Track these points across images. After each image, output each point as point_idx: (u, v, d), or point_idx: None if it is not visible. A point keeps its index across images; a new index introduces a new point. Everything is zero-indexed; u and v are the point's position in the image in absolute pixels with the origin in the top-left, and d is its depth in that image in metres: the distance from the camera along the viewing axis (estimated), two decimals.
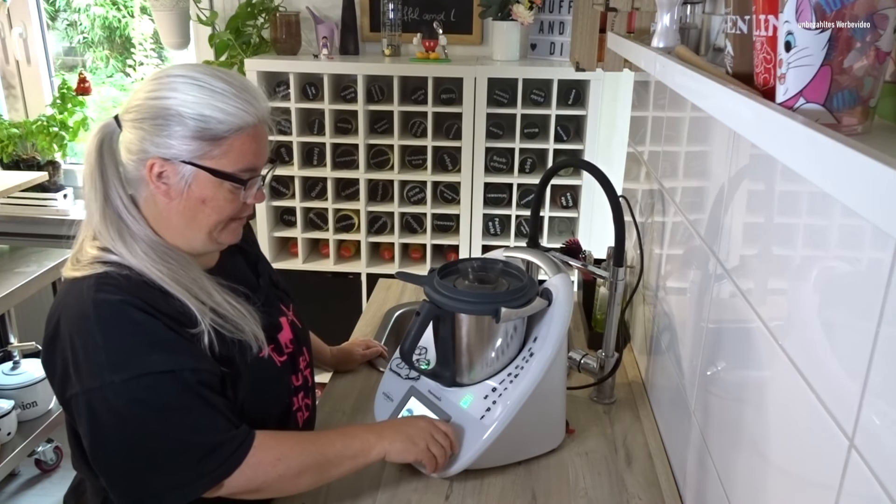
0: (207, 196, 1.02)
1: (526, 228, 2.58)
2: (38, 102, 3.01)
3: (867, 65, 0.55)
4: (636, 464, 1.25)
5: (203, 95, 0.98)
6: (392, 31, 2.59)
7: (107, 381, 0.93)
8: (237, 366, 1.05)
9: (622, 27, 1.54)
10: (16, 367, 2.37)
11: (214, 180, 1.01)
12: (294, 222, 2.64)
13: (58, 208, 2.90)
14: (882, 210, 0.43)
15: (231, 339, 1.04)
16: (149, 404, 0.95)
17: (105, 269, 0.99)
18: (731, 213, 0.98)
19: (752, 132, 0.66)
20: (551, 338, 1.17)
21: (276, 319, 1.19)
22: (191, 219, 1.04)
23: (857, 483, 0.59)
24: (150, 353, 0.95)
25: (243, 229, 1.32)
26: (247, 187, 1.05)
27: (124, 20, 3.12)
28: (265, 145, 1.06)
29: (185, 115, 0.97)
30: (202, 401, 0.98)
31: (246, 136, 1.01)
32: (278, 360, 1.15)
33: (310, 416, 1.27)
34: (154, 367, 0.95)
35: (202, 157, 0.99)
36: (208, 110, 0.98)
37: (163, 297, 0.99)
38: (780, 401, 0.78)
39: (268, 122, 1.06)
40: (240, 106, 1.00)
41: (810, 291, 0.71)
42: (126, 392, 0.94)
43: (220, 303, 1.04)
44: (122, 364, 0.94)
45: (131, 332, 0.96)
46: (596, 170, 1.29)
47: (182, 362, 0.97)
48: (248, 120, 1.01)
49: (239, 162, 1.02)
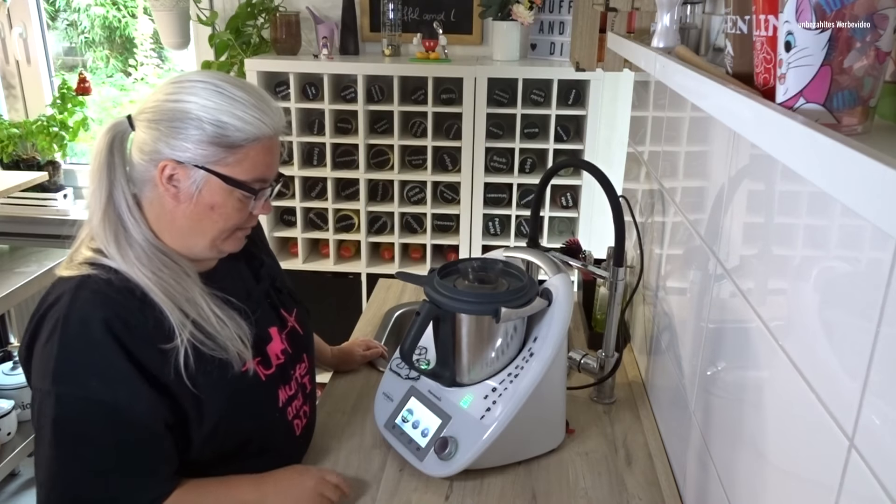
0: (217, 202, 1.02)
1: (526, 228, 2.58)
2: (38, 102, 3.01)
3: (867, 65, 0.55)
4: (636, 464, 1.25)
5: (223, 102, 0.99)
6: (392, 31, 2.59)
7: (46, 388, 0.95)
8: (212, 384, 1.03)
9: (622, 27, 1.54)
10: (16, 367, 2.37)
11: (226, 187, 1.01)
12: (294, 222, 2.64)
13: (58, 208, 2.90)
14: (882, 210, 0.43)
15: (210, 356, 1.02)
16: (68, 427, 0.96)
17: (90, 272, 0.99)
18: (731, 213, 0.98)
19: (752, 132, 0.66)
20: (551, 338, 1.17)
21: (266, 331, 1.16)
22: (196, 223, 1.03)
23: (857, 483, 0.59)
24: (92, 377, 0.95)
25: (257, 229, 1.31)
26: (256, 198, 1.05)
27: (124, 20, 3.12)
28: (277, 159, 1.07)
29: (203, 119, 0.98)
30: (121, 442, 0.97)
31: (261, 147, 1.02)
32: (263, 373, 1.12)
33: (310, 423, 1.25)
34: (90, 394, 0.95)
35: (216, 163, 1.00)
36: (227, 117, 0.98)
37: (141, 308, 0.98)
38: (780, 401, 0.78)
39: (282, 137, 1.06)
40: (258, 116, 1.00)
41: (810, 291, 0.71)
42: (56, 405, 0.95)
43: (206, 316, 1.02)
44: (64, 377, 0.95)
45: (85, 350, 0.96)
46: (596, 170, 1.29)
47: (119, 397, 0.96)
48: (265, 131, 1.01)
49: (252, 171, 1.02)
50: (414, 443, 1.20)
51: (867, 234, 0.59)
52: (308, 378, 1.25)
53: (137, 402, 0.97)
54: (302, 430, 1.22)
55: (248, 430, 1.11)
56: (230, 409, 1.06)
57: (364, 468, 1.22)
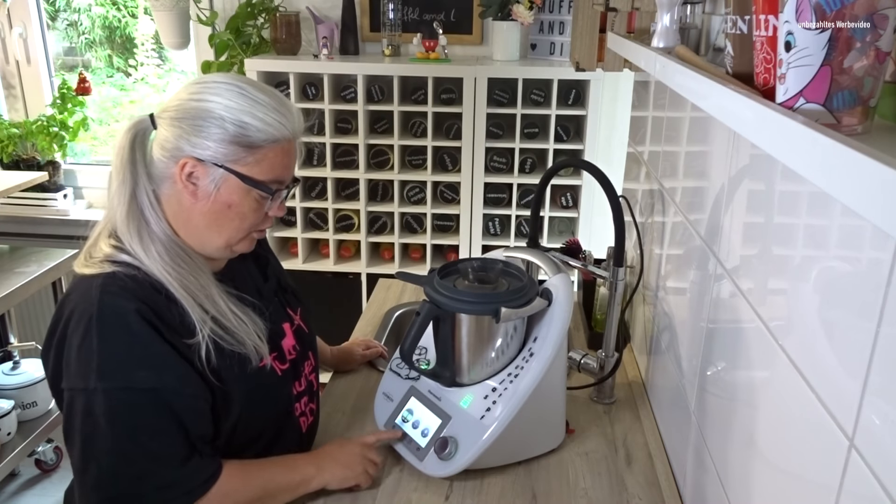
0: (234, 201, 1.03)
1: (526, 228, 2.58)
2: (38, 102, 3.01)
3: (867, 65, 0.55)
4: (636, 464, 1.25)
5: (245, 103, 1.00)
6: (392, 31, 2.59)
7: (91, 385, 0.95)
8: (234, 377, 1.05)
9: (622, 27, 1.54)
10: (16, 367, 2.37)
11: (244, 187, 1.02)
12: (294, 222, 2.64)
13: (58, 208, 2.90)
14: (882, 210, 0.43)
15: (230, 351, 1.04)
16: (122, 419, 0.96)
17: (114, 269, 0.99)
18: (731, 213, 0.98)
19: (752, 132, 0.66)
20: (551, 338, 1.17)
21: (280, 326, 1.19)
22: (213, 221, 1.04)
23: (857, 483, 0.59)
24: (138, 367, 0.97)
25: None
26: (273, 199, 1.06)
27: (125, 20, 3.12)
28: (294, 162, 1.09)
29: (225, 118, 0.99)
30: (174, 426, 0.99)
31: (280, 149, 1.04)
32: (280, 368, 1.15)
33: (314, 421, 1.27)
34: (138, 384, 0.96)
35: (235, 163, 1.01)
36: (248, 118, 1.00)
37: (166, 304, 1.00)
38: (780, 401, 0.78)
39: (300, 141, 1.09)
40: (279, 119, 1.02)
41: (810, 291, 0.71)
42: (105, 401, 0.95)
43: (224, 312, 1.04)
44: (109, 373, 0.95)
45: (127, 342, 0.96)
46: (596, 170, 1.29)
47: (166, 382, 0.98)
48: (285, 133, 1.03)
49: (270, 172, 1.04)
50: (414, 443, 1.20)
51: (867, 234, 0.59)
52: (314, 376, 1.27)
53: (183, 384, 0.99)
54: (307, 428, 1.23)
55: (262, 424, 1.13)
56: (251, 403, 1.08)
57: None
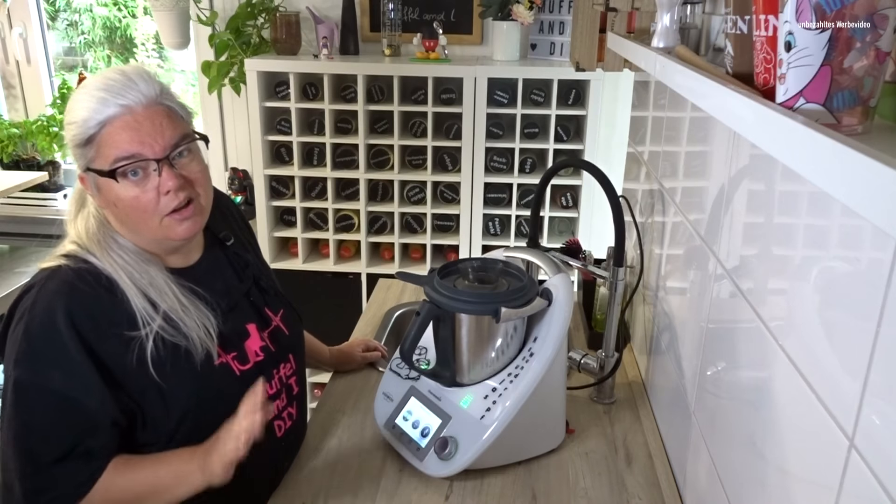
0: (115, 197, 1.02)
1: (526, 228, 2.58)
2: (38, 102, 3.01)
3: (867, 65, 0.55)
4: (636, 464, 1.25)
5: (75, 102, 1.00)
6: (392, 31, 2.59)
7: (9, 372, 0.98)
8: (181, 373, 1.04)
9: (622, 27, 1.54)
10: None
11: (108, 181, 1.01)
12: (294, 222, 2.64)
13: (58, 208, 2.90)
14: (882, 210, 0.43)
15: (173, 343, 1.04)
16: (22, 411, 0.98)
17: (60, 263, 1.02)
18: (731, 213, 0.98)
19: (752, 132, 0.66)
20: (551, 338, 1.17)
21: (243, 326, 1.16)
22: (122, 220, 1.06)
23: (857, 483, 0.59)
24: (49, 367, 0.98)
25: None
26: (143, 175, 1.00)
27: (125, 20, 3.12)
28: (149, 129, 1.00)
29: (67, 125, 1.01)
30: (65, 431, 0.99)
31: (112, 129, 0.99)
32: (239, 368, 1.12)
33: (294, 426, 1.24)
34: (45, 382, 0.98)
35: (92, 161, 1.01)
36: (74, 115, 1.00)
37: (109, 297, 1.01)
38: (779, 401, 0.78)
39: (155, 105, 1.01)
40: (101, 98, 0.98)
41: (810, 291, 0.71)
42: (14, 390, 0.98)
43: (171, 304, 1.04)
44: (27, 363, 0.98)
45: (46, 340, 0.98)
46: (596, 170, 1.29)
47: (75, 389, 0.98)
48: (109, 112, 0.98)
49: (111, 155, 0.99)
50: (414, 443, 1.20)
51: (867, 234, 0.59)
52: (295, 380, 1.25)
53: (90, 396, 0.99)
54: (284, 433, 1.21)
55: (220, 424, 1.05)
56: (198, 402, 1.07)
57: (364, 468, 1.22)
